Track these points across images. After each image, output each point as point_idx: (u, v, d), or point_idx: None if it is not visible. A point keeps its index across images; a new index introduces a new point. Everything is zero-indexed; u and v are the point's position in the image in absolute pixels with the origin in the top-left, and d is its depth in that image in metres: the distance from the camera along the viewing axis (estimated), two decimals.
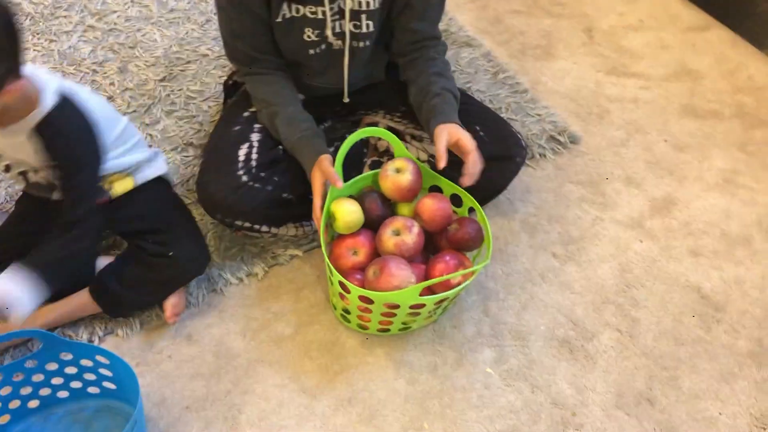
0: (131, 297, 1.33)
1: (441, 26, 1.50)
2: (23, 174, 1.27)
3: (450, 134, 1.31)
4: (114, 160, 1.31)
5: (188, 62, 1.84)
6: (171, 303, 1.37)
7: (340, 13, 1.34)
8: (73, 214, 1.22)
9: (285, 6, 1.31)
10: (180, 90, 1.77)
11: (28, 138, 1.17)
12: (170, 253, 1.32)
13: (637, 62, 2.05)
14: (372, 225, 1.35)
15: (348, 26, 1.36)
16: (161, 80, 1.80)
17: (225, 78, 1.64)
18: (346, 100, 1.51)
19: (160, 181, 1.42)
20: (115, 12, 1.95)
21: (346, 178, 1.36)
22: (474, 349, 1.38)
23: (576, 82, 1.97)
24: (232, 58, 1.42)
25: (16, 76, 1.07)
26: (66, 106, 1.19)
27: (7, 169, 1.27)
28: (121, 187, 1.35)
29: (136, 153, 1.36)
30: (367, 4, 1.34)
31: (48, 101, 1.16)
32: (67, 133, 1.19)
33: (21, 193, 1.41)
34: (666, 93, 1.97)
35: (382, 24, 1.41)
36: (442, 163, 1.28)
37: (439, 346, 1.38)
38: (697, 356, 1.40)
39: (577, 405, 1.32)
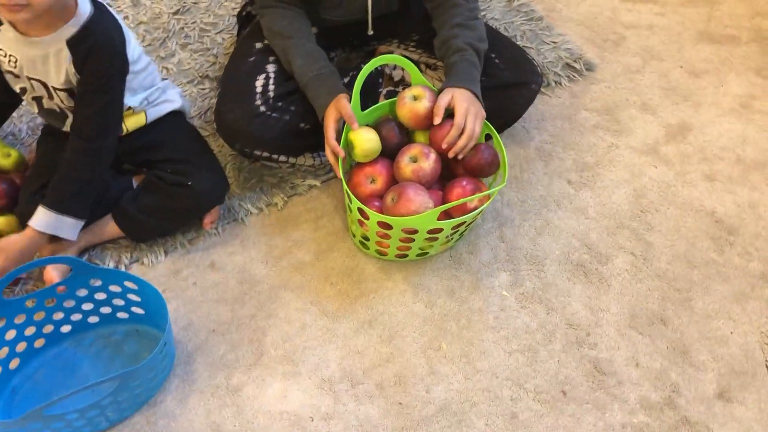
0: (152, 223, 1.36)
1: None
2: (37, 99, 1.29)
3: (452, 97, 1.32)
4: (129, 93, 1.32)
5: None
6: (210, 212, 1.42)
7: None
8: (99, 142, 1.25)
9: None
10: (194, 23, 1.77)
11: (56, 53, 1.18)
12: (189, 183, 1.34)
13: None
14: (389, 153, 1.37)
15: None
16: (174, 13, 1.79)
17: (238, 9, 1.63)
18: (371, 32, 1.51)
19: (175, 113, 1.43)
20: None
21: (362, 108, 1.37)
22: (490, 274, 1.41)
23: (591, 9, 1.95)
24: None
25: None
26: (103, 17, 1.20)
27: (23, 92, 1.28)
28: (133, 123, 1.37)
29: (150, 85, 1.37)
30: None
31: (85, 10, 1.17)
32: (103, 48, 1.19)
33: (41, 130, 1.43)
34: (682, 19, 1.94)
35: None
36: (436, 120, 1.31)
37: (455, 271, 1.41)
38: (710, 278, 1.43)
39: (591, 325, 1.35)
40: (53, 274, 1.28)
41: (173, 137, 1.41)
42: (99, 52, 1.19)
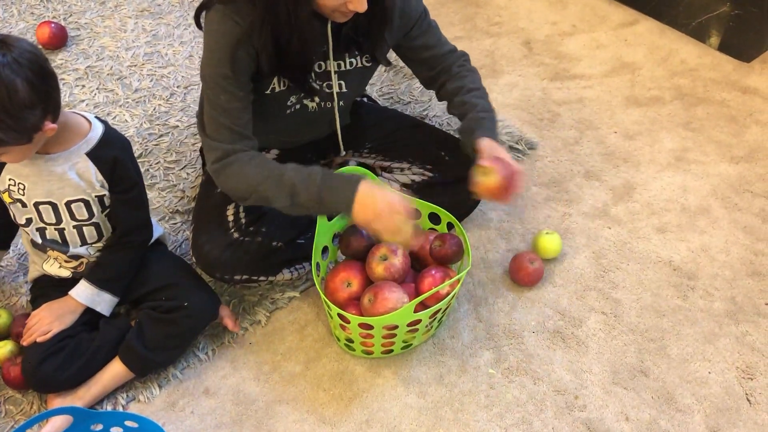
0: (159, 356, 1.41)
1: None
2: (41, 230, 1.36)
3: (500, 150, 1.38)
4: None
5: (161, 136, 1.94)
6: (227, 316, 1.49)
7: (326, 74, 1.44)
8: (143, 235, 1.44)
9: (275, 80, 1.39)
10: (158, 163, 1.86)
11: (73, 166, 1.30)
12: (186, 304, 1.41)
13: (577, 64, 2.19)
14: (361, 256, 1.45)
15: (335, 86, 1.47)
16: (138, 157, 1.88)
17: (200, 145, 1.74)
18: (343, 153, 1.66)
19: (158, 243, 1.52)
20: (83, 101, 2.05)
21: (328, 218, 1.46)
22: (474, 354, 1.47)
23: (524, 93, 2.10)
24: (213, 138, 1.35)
25: (54, 117, 1.21)
26: (112, 130, 1.36)
27: (28, 222, 1.35)
28: None
29: None
30: (350, 63, 1.46)
31: (98, 126, 1.33)
32: (126, 157, 1.36)
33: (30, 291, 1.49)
34: (608, 88, 2.10)
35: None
36: (486, 162, 1.33)
37: (441, 357, 1.47)
38: (679, 324, 1.51)
39: (577, 388, 1.41)
40: None
41: (162, 266, 1.48)
42: (123, 160, 1.35)
